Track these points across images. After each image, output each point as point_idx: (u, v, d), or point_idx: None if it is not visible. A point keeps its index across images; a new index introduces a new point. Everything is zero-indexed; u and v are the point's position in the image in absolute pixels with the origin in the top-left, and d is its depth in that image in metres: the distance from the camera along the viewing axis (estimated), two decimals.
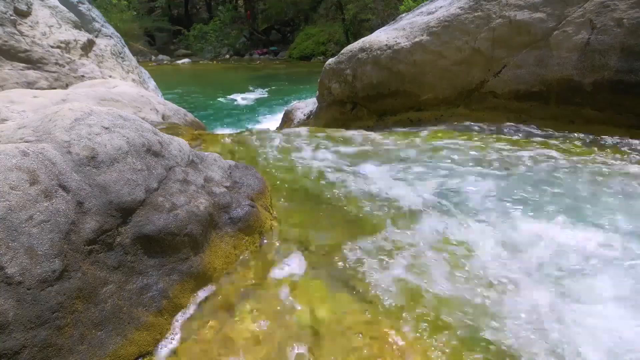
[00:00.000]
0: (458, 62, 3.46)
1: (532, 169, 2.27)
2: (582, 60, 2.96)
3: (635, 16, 2.76)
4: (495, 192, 2.00)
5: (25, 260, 1.02)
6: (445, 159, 2.47)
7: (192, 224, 1.40)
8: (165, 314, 1.25)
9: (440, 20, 3.49)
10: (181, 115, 4.03)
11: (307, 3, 21.71)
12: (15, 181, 1.11)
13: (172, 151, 1.59)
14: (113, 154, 1.35)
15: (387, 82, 3.75)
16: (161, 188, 1.42)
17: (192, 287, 1.35)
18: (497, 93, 3.36)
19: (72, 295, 1.07)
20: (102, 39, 4.95)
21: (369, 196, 2.01)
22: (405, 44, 3.61)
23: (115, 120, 1.47)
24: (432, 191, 2.04)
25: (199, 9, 28.33)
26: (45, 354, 0.99)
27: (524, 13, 3.17)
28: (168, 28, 25.09)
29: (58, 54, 4.07)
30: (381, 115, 3.89)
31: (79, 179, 1.24)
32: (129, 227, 1.28)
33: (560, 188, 2.04)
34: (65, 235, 1.12)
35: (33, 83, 3.72)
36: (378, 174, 2.25)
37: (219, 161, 1.83)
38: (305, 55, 19.45)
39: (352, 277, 1.46)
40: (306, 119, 4.66)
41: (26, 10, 4.00)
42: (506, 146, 2.64)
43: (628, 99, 2.80)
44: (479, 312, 1.28)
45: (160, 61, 20.96)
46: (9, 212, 1.05)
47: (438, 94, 3.59)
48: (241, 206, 1.64)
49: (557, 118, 3.09)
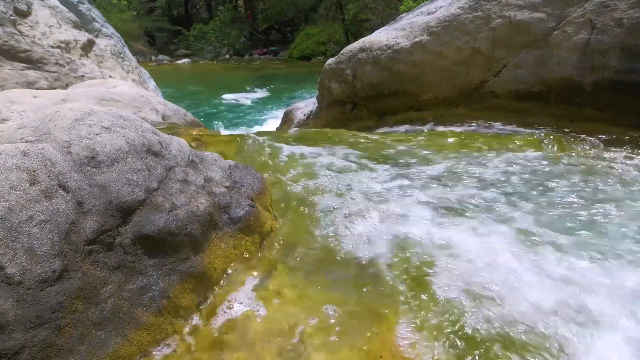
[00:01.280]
0: (458, 62, 3.46)
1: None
2: (582, 60, 2.96)
3: (635, 16, 2.76)
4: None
5: (25, 260, 1.02)
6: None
7: (192, 224, 1.40)
8: (165, 314, 1.25)
9: (440, 20, 3.49)
10: (181, 115, 4.03)
11: (307, 3, 21.71)
12: (15, 181, 1.11)
13: (172, 151, 1.59)
14: (113, 154, 1.35)
15: (387, 82, 3.75)
16: (161, 188, 1.42)
17: (192, 287, 1.35)
18: (497, 93, 3.36)
19: (72, 295, 1.07)
20: (102, 39, 4.95)
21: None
22: (405, 44, 3.61)
23: (115, 120, 1.47)
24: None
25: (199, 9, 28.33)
26: (45, 354, 0.99)
27: (524, 13, 3.17)
28: (168, 28, 25.08)
29: (58, 54, 4.07)
30: (381, 115, 3.89)
31: (79, 179, 1.24)
32: (129, 227, 1.28)
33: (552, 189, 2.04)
34: (65, 235, 1.12)
35: (33, 83, 3.72)
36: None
37: (219, 161, 1.83)
38: (305, 55, 19.45)
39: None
40: (306, 119, 4.66)
41: (26, 10, 4.00)
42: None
43: (628, 99, 2.80)
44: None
45: (160, 61, 20.96)
46: (9, 212, 1.05)
47: (438, 94, 3.59)
48: (241, 206, 1.64)
49: (557, 118, 3.09)
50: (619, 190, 1.99)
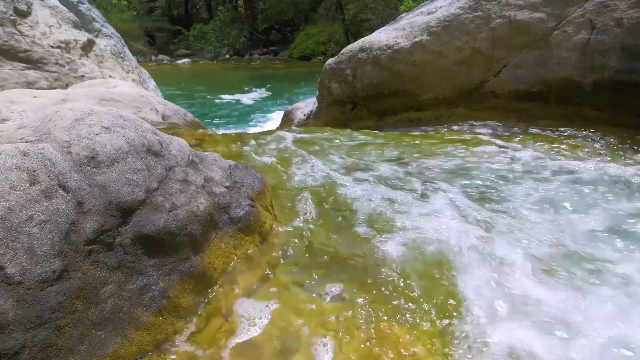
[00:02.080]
0: (458, 62, 3.46)
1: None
2: (582, 60, 2.96)
3: (635, 16, 2.76)
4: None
5: (25, 260, 1.02)
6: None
7: (192, 224, 1.40)
8: (166, 314, 1.25)
9: (440, 20, 3.49)
10: (181, 115, 4.02)
11: (307, 3, 21.72)
12: (15, 181, 1.11)
13: (172, 151, 1.59)
14: (113, 154, 1.35)
15: (387, 82, 3.75)
16: (161, 188, 1.42)
17: (192, 287, 1.35)
18: (497, 93, 3.36)
19: (72, 295, 1.07)
20: (102, 39, 4.95)
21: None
22: (405, 44, 3.61)
23: (115, 120, 1.47)
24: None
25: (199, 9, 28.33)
26: (45, 354, 0.99)
27: (524, 13, 3.17)
28: (168, 28, 25.08)
29: (58, 54, 4.07)
30: (381, 115, 3.89)
31: (79, 179, 1.24)
32: (129, 227, 1.28)
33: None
34: (65, 235, 1.12)
35: (33, 83, 3.71)
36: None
37: (219, 161, 1.83)
38: (305, 55, 19.45)
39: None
40: (306, 119, 4.66)
41: (26, 10, 4.00)
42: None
43: (628, 99, 2.80)
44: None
45: (160, 61, 20.96)
46: (9, 212, 1.05)
47: (438, 94, 3.59)
48: (241, 206, 1.64)
49: (557, 118, 3.09)
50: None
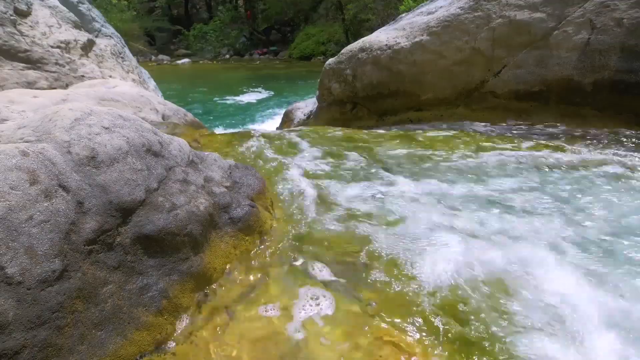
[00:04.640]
0: (458, 62, 3.46)
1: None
2: (582, 60, 2.96)
3: (635, 16, 2.76)
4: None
5: (25, 260, 1.02)
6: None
7: (192, 224, 1.40)
8: (165, 313, 1.25)
9: (440, 20, 3.49)
10: (181, 115, 4.02)
11: (307, 3, 21.70)
12: (15, 181, 1.11)
13: (172, 151, 1.59)
14: (113, 154, 1.35)
15: (387, 82, 3.75)
16: (161, 188, 1.42)
17: (192, 287, 1.35)
18: (497, 93, 3.36)
19: (72, 295, 1.07)
20: (102, 39, 4.95)
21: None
22: (405, 44, 3.61)
23: (115, 120, 1.47)
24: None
25: (199, 9, 28.31)
26: (45, 354, 0.99)
27: (524, 13, 3.17)
28: (168, 28, 25.06)
29: (58, 54, 4.06)
30: (381, 115, 3.90)
31: (79, 179, 1.24)
32: (129, 227, 1.28)
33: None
34: (65, 235, 1.12)
35: (33, 83, 3.71)
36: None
37: (219, 161, 1.83)
38: (305, 55, 19.44)
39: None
40: (306, 119, 4.66)
41: (26, 10, 4.00)
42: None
43: (628, 99, 2.80)
44: None
45: (160, 61, 20.94)
46: (9, 212, 1.05)
47: (438, 94, 3.59)
48: (241, 206, 1.64)
49: (557, 118, 3.09)
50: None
